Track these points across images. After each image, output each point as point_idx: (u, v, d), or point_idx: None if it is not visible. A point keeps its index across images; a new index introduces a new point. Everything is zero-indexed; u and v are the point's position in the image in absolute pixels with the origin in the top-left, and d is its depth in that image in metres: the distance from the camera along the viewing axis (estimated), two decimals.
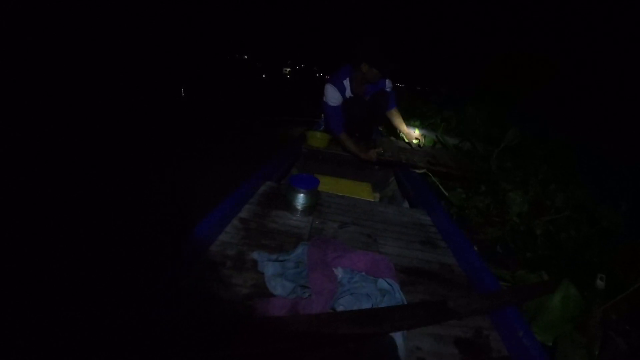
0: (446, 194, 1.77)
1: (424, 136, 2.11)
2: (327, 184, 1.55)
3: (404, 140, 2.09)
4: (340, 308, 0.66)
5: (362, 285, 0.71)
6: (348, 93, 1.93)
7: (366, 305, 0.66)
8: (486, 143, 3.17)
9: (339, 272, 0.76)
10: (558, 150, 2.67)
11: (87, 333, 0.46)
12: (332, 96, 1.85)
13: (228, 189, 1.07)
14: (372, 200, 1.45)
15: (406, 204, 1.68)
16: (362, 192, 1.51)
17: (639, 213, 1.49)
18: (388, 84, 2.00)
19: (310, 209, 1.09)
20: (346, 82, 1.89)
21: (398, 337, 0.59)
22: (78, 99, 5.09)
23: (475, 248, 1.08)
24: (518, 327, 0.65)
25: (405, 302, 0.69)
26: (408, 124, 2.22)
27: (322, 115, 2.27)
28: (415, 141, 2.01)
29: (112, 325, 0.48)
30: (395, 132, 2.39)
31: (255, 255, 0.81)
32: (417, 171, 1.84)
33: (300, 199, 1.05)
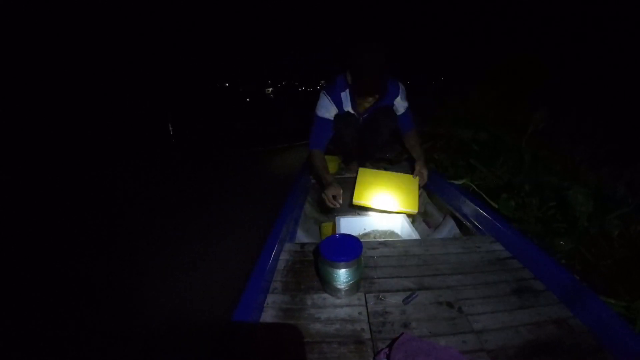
0: (495, 205, 1.47)
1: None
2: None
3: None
4: None
5: None
6: (347, 107, 1.57)
7: None
8: (505, 130, 2.89)
9: None
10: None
11: None
12: (322, 105, 1.54)
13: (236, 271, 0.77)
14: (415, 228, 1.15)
15: (450, 223, 1.40)
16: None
17: None
18: (399, 101, 1.58)
19: (357, 283, 0.79)
20: (345, 95, 1.54)
21: None
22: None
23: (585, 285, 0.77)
24: None
25: None
26: None
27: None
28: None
29: None
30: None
31: None
32: (456, 182, 1.56)
33: (342, 276, 0.75)
